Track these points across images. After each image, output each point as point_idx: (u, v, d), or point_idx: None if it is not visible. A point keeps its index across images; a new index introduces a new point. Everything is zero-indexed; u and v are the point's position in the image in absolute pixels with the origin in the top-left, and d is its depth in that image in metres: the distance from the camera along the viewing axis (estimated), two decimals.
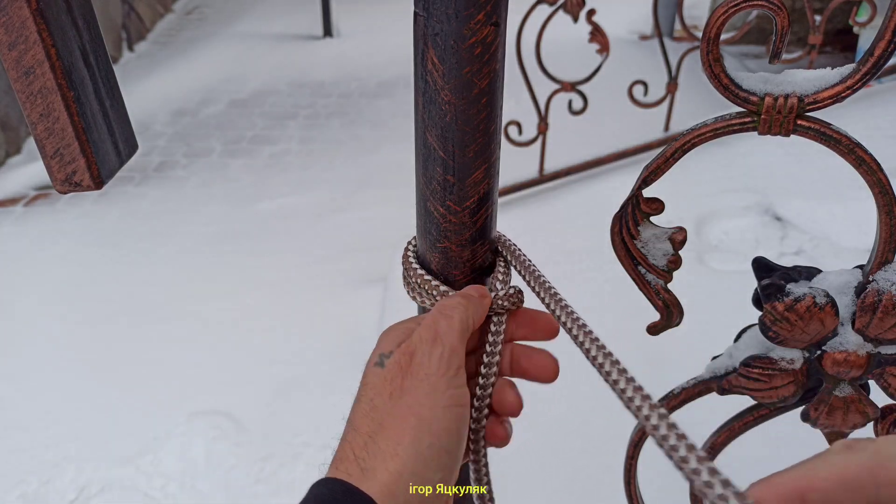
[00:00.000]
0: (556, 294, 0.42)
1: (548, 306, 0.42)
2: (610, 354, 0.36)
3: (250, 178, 2.74)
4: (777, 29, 0.42)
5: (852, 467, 0.24)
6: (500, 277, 0.47)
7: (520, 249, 0.47)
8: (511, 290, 0.46)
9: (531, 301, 0.46)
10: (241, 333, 1.82)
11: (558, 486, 1.33)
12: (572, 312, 0.40)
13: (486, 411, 0.44)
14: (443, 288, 0.46)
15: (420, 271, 0.47)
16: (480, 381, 0.44)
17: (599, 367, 0.37)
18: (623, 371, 0.36)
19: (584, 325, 0.39)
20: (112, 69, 0.42)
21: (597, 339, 0.37)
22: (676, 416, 0.66)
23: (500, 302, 0.45)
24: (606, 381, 0.36)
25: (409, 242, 0.50)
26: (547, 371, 0.45)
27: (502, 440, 0.43)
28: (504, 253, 0.48)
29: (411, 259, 0.49)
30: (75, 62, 0.37)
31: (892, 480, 0.23)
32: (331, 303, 1.93)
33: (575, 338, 0.39)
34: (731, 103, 0.45)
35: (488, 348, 0.44)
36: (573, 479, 1.34)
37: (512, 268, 0.48)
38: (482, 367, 0.44)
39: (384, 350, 0.41)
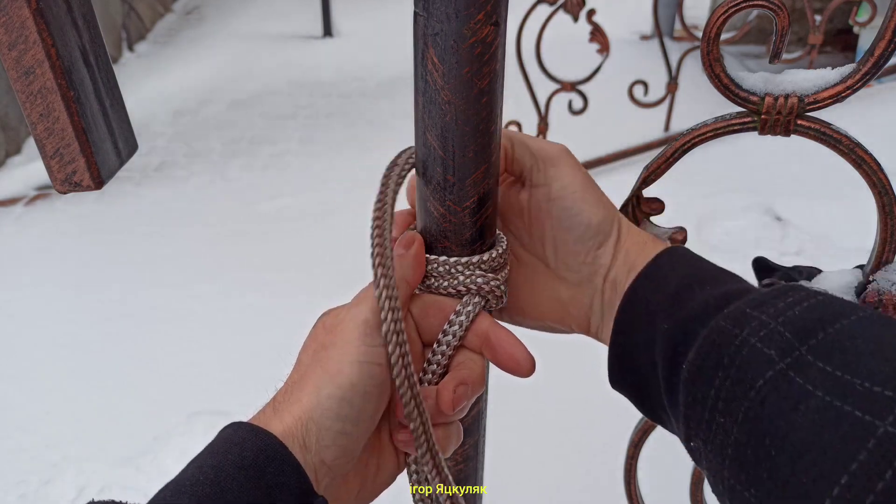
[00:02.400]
0: None
1: None
2: None
3: (250, 178, 2.74)
4: (777, 29, 0.42)
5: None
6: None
7: None
8: (495, 284, 0.43)
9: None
10: (241, 333, 1.82)
11: (558, 486, 1.33)
12: None
13: (431, 378, 0.43)
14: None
15: None
16: (429, 353, 0.43)
17: None
18: None
19: None
20: (112, 69, 0.42)
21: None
22: None
23: (482, 286, 0.43)
24: None
25: None
26: (515, 364, 0.42)
27: (447, 407, 0.41)
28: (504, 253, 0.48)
29: None
30: (75, 62, 0.37)
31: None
32: (331, 302, 1.92)
33: None
34: (731, 103, 0.45)
35: (447, 326, 0.43)
36: (573, 479, 1.34)
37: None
38: (438, 336, 0.43)
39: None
